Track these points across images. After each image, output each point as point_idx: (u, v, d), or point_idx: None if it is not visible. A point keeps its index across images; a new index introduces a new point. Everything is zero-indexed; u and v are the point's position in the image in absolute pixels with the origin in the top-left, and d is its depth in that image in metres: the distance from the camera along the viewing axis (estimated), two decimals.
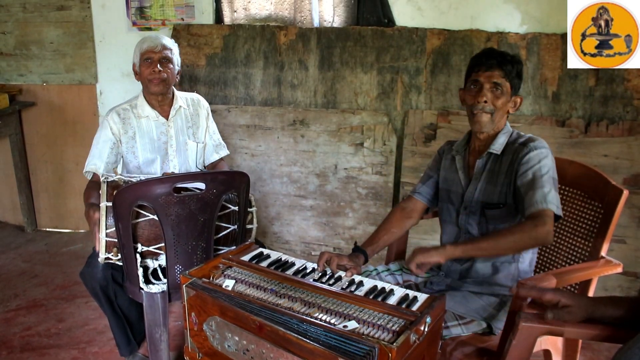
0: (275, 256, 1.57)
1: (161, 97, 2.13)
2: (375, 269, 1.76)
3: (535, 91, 2.80)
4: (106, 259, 1.70)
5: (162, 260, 1.69)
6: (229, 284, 1.36)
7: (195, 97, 2.30)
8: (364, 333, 1.13)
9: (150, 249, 1.68)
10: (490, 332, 1.55)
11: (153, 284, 1.67)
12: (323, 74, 3.05)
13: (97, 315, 2.51)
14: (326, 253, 1.52)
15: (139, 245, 1.66)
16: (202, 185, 1.67)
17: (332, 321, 1.18)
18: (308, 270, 1.50)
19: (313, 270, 1.51)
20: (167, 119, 2.17)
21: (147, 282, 1.67)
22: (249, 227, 1.92)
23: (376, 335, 1.12)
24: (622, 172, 2.64)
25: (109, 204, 1.63)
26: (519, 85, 1.61)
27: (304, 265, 1.53)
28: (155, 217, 1.62)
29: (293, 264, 1.53)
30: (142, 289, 1.65)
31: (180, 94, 2.23)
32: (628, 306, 1.20)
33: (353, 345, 1.06)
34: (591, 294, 1.64)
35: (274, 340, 1.15)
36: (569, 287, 1.73)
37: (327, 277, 1.48)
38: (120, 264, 1.72)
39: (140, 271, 1.65)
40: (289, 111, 3.08)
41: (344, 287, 1.40)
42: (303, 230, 3.13)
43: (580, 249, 1.73)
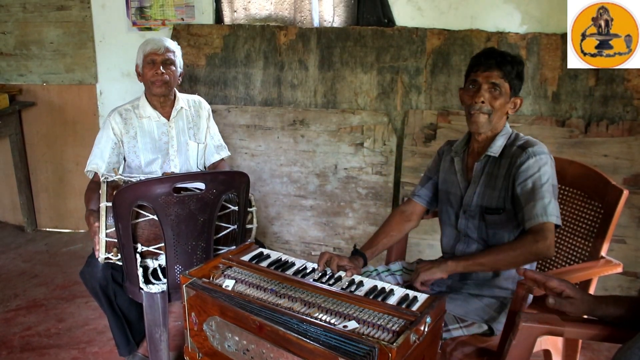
0: (275, 256, 1.57)
1: (163, 99, 2.16)
2: (375, 269, 1.76)
3: (535, 91, 2.80)
4: (106, 259, 1.70)
5: (162, 260, 1.69)
6: (229, 284, 1.36)
7: (197, 98, 2.32)
8: (364, 333, 1.12)
9: (150, 249, 1.68)
10: (491, 334, 1.55)
11: (153, 284, 1.67)
12: (323, 74, 3.05)
13: (97, 315, 2.51)
14: (327, 253, 1.52)
15: (138, 245, 1.66)
16: (202, 185, 1.67)
17: (332, 321, 1.18)
18: (308, 270, 1.50)
19: (313, 270, 1.51)
20: (168, 120, 2.19)
21: (147, 282, 1.67)
22: (248, 227, 1.92)
23: (376, 335, 1.12)
24: (622, 172, 2.64)
25: (109, 204, 1.64)
26: (520, 87, 1.58)
27: (304, 265, 1.53)
28: (155, 217, 1.62)
29: (293, 264, 1.53)
30: (142, 289, 1.65)
31: (181, 96, 2.25)
32: (628, 306, 1.20)
33: (353, 345, 1.06)
34: (591, 293, 1.64)
35: (274, 340, 1.15)
36: None
37: (327, 277, 1.48)
38: (120, 263, 1.72)
39: (140, 271, 1.65)
40: (289, 111, 3.08)
41: (344, 287, 1.40)
42: (303, 230, 3.13)
43: (580, 249, 1.73)
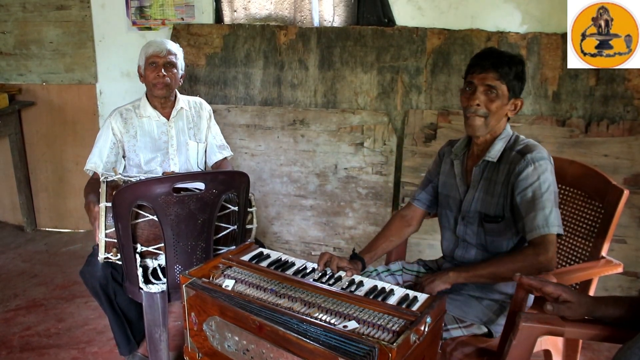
0: (275, 256, 1.57)
1: (164, 100, 2.19)
2: (375, 270, 1.76)
3: (535, 91, 2.80)
4: (105, 258, 1.70)
5: (161, 260, 1.69)
6: (228, 284, 1.36)
7: (198, 100, 2.35)
8: (364, 333, 1.12)
9: (150, 249, 1.68)
10: (489, 336, 1.55)
11: (153, 283, 1.67)
12: (323, 74, 3.05)
13: (96, 315, 2.51)
14: (326, 254, 1.52)
15: (138, 246, 1.66)
16: (201, 186, 1.67)
17: (332, 321, 1.18)
18: (308, 270, 1.50)
19: (313, 270, 1.51)
20: (168, 120, 2.20)
21: (147, 282, 1.66)
22: (248, 227, 1.92)
23: (376, 335, 1.12)
24: (622, 172, 2.64)
25: (109, 204, 1.63)
26: (520, 88, 1.53)
27: (304, 265, 1.53)
28: (154, 218, 1.62)
29: (293, 264, 1.53)
30: (142, 289, 1.65)
31: (182, 97, 2.27)
32: (628, 306, 1.20)
33: (353, 345, 1.06)
34: (591, 294, 1.64)
35: (274, 340, 1.15)
36: (570, 287, 1.73)
37: (327, 277, 1.48)
38: (120, 263, 1.72)
39: (139, 271, 1.65)
40: (289, 111, 3.08)
41: (344, 287, 1.40)
42: (303, 230, 3.13)
43: (580, 249, 1.73)
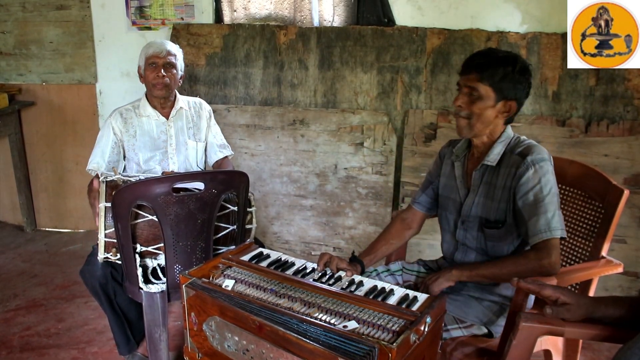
0: (275, 256, 1.57)
1: (163, 100, 2.20)
2: (374, 270, 1.75)
3: (535, 91, 2.80)
4: (105, 258, 1.70)
5: (161, 260, 1.68)
6: (228, 284, 1.36)
7: (198, 100, 2.36)
8: (364, 333, 1.12)
9: (150, 249, 1.68)
10: (489, 337, 1.54)
11: (152, 283, 1.66)
12: (323, 74, 3.04)
13: (96, 315, 2.51)
14: (326, 254, 1.52)
15: (138, 246, 1.65)
16: (201, 185, 1.67)
17: (332, 321, 1.18)
18: (308, 270, 1.50)
19: (313, 270, 1.50)
20: (168, 119, 2.21)
21: (147, 281, 1.66)
22: (248, 227, 1.92)
23: (376, 335, 1.11)
24: (622, 172, 2.64)
25: (108, 204, 1.63)
26: (511, 89, 1.48)
27: (304, 265, 1.53)
28: (154, 218, 1.62)
29: (293, 263, 1.53)
30: (142, 289, 1.65)
31: (182, 97, 2.28)
32: (628, 306, 1.20)
33: (353, 345, 1.06)
34: (592, 294, 1.64)
35: (273, 340, 1.15)
36: (570, 287, 1.73)
37: (327, 277, 1.48)
38: (120, 262, 1.72)
39: (139, 271, 1.64)
40: (289, 111, 3.08)
41: (344, 287, 1.40)
42: (303, 230, 3.13)
43: (580, 249, 1.73)
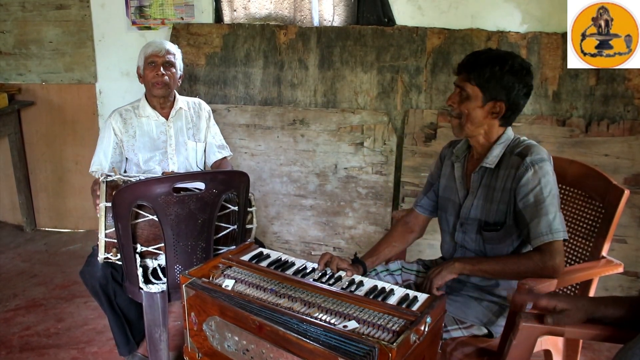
0: (275, 256, 1.57)
1: (163, 100, 2.20)
2: (374, 270, 1.75)
3: (535, 90, 2.79)
4: (105, 259, 1.70)
5: (161, 260, 1.68)
6: (228, 283, 1.36)
7: (197, 100, 2.36)
8: (364, 333, 1.12)
9: (150, 249, 1.68)
10: (489, 337, 1.54)
11: (153, 283, 1.66)
12: (323, 73, 3.04)
13: (96, 315, 2.51)
14: (327, 254, 1.52)
15: (138, 246, 1.65)
16: (201, 185, 1.67)
17: (332, 321, 1.18)
18: (308, 270, 1.50)
19: (313, 270, 1.50)
20: (167, 120, 2.22)
21: (147, 281, 1.66)
22: (248, 227, 1.92)
23: (376, 335, 1.11)
24: (622, 172, 2.64)
25: (109, 204, 1.63)
26: (499, 89, 1.47)
27: (304, 265, 1.53)
28: (154, 218, 1.62)
29: (293, 263, 1.53)
30: (142, 289, 1.65)
31: (181, 98, 2.29)
32: (628, 306, 1.20)
33: (353, 345, 1.06)
34: (592, 294, 1.64)
35: (274, 340, 1.15)
36: (570, 288, 1.73)
37: (327, 277, 1.48)
38: (120, 263, 1.72)
39: (139, 271, 1.64)
40: (289, 110, 3.08)
41: (344, 287, 1.40)
42: (303, 230, 3.13)
43: (581, 249, 1.73)
